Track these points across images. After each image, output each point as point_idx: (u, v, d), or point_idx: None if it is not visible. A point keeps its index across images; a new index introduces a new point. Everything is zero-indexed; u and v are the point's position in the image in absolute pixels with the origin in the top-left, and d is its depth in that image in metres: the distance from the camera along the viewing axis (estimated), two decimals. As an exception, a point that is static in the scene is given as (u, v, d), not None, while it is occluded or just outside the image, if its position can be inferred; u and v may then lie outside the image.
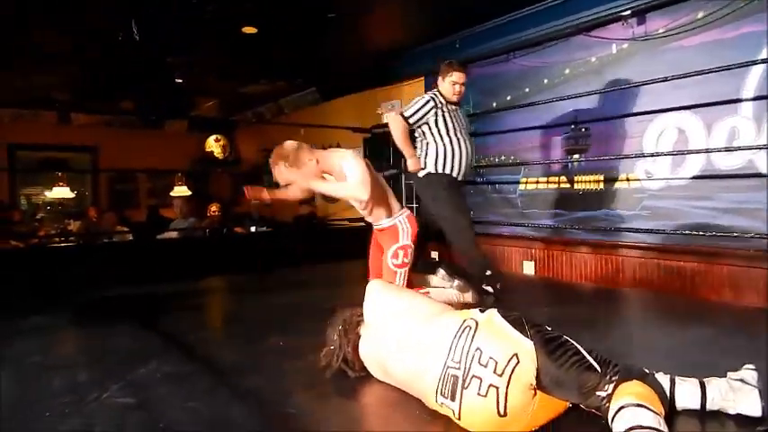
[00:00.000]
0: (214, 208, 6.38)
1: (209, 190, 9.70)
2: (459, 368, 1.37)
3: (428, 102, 3.10)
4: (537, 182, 4.24)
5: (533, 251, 4.31)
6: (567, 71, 4.02)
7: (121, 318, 2.80)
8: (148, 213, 7.50)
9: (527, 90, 4.34)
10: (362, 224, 5.83)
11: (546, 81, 4.19)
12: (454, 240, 3.18)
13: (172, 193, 8.46)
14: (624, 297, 3.38)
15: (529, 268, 4.30)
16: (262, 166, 8.68)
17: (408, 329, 1.59)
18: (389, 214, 2.63)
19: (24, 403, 1.65)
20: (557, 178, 4.14)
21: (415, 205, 5.86)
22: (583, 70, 3.92)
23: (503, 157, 4.57)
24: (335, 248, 5.68)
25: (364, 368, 1.76)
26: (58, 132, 7.83)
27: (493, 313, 1.44)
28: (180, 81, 4.73)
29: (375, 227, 2.75)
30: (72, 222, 7.74)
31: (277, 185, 2.71)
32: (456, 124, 3.15)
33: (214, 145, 9.28)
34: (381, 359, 1.67)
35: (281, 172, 2.46)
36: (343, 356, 1.75)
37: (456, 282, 2.69)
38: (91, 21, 4.21)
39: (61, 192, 7.27)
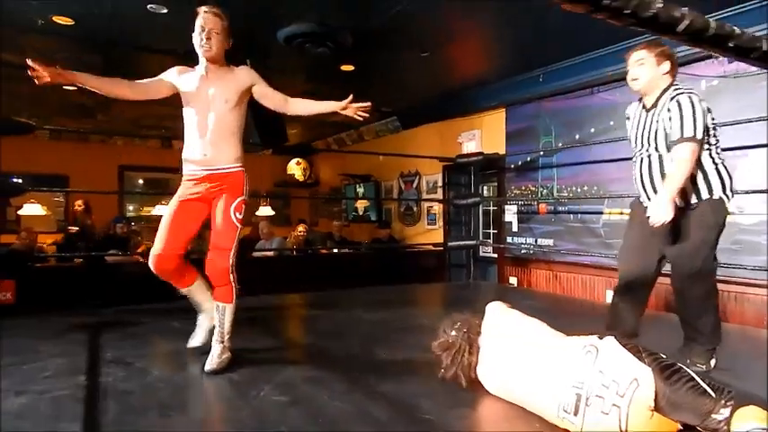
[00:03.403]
0: (301, 228, 6.83)
1: (290, 211, 10.30)
2: (582, 388, 1.57)
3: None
4: (621, 213, 4.32)
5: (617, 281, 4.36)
6: (655, 106, 4.11)
7: (247, 325, 3.17)
8: (251, 231, 8.03)
9: (611, 123, 4.45)
10: (441, 249, 6.10)
11: (632, 115, 4.29)
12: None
13: (257, 213, 9.06)
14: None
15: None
16: (340, 188, 9.17)
17: (531, 350, 1.80)
18: (237, 157, 2.41)
19: (200, 397, 1.99)
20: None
21: (493, 231, 6.06)
22: (671, 106, 4.00)
23: (585, 188, 4.69)
24: (410, 270, 5.96)
25: (475, 378, 1.98)
26: (161, 155, 8.64)
27: (611, 341, 1.63)
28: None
29: (211, 170, 2.37)
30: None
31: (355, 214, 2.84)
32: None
33: (295, 168, 9.86)
34: (500, 375, 1.89)
35: None
36: (466, 363, 1.98)
37: None
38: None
39: (163, 209, 7.96)
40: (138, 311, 3.50)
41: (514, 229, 5.44)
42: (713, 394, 1.48)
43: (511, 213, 5.47)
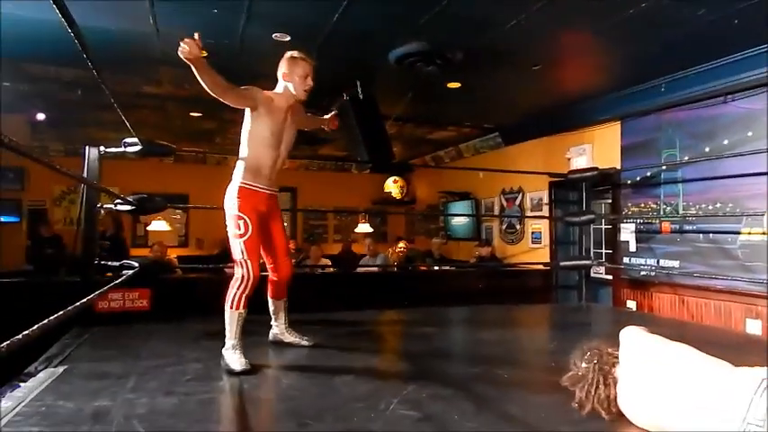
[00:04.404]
0: (402, 245, 6.88)
1: (387, 228, 10.47)
2: (762, 426, 1.39)
3: None
4: (764, 233, 3.88)
5: (759, 308, 3.91)
6: (804, 114, 3.68)
7: (364, 338, 3.23)
8: (343, 249, 8.30)
9: (750, 134, 4.04)
10: (547, 268, 5.86)
11: (775, 124, 3.87)
12: None
13: (356, 230, 9.30)
14: None
15: (754, 327, 3.90)
16: (437, 206, 9.14)
17: (686, 380, 1.63)
18: None
19: (331, 406, 2.02)
20: (789, 229, 3.75)
21: (605, 251, 5.70)
22: (826, 112, 3.56)
23: (717, 204, 4.28)
24: (514, 290, 5.75)
25: (618, 411, 1.83)
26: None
27: (799, 373, 1.43)
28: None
29: (271, 191, 2.73)
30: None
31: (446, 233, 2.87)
32: None
33: (392, 186, 10.00)
34: (649, 407, 1.73)
35: None
36: (602, 396, 1.84)
37: None
38: (319, 82, 4.97)
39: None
40: (254, 321, 3.66)
41: (632, 248, 5.07)
42: None
43: (628, 232, 5.11)
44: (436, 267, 6.58)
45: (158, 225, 7.63)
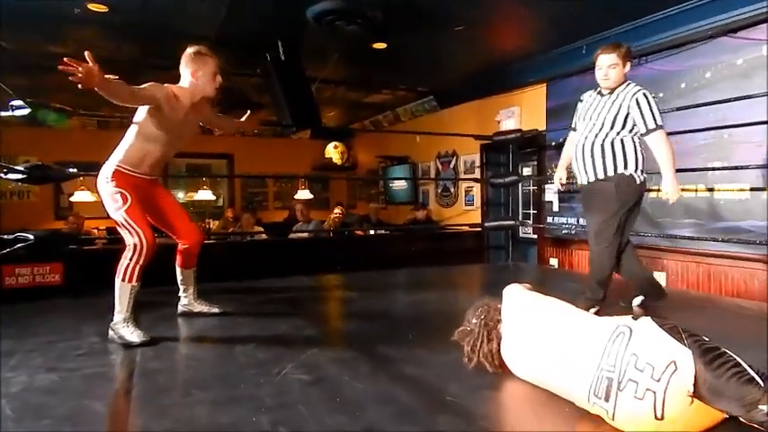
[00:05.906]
0: (337, 210, 6.83)
1: (328, 194, 10.36)
2: (613, 371, 1.46)
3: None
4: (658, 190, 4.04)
5: (665, 262, 4.14)
6: (709, 75, 3.82)
7: (282, 304, 3.19)
8: (288, 215, 8.16)
9: (661, 95, 4.16)
10: (478, 230, 5.96)
11: (684, 85, 4.01)
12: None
13: (295, 197, 9.16)
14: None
15: (659, 280, 4.12)
16: (377, 170, 9.11)
17: (556, 332, 1.70)
18: None
19: (222, 375, 1.99)
20: (693, 186, 3.94)
21: (533, 212, 5.86)
22: (727, 73, 3.71)
23: (631, 164, 4.43)
24: (448, 252, 5.85)
25: (502, 365, 1.89)
26: (203, 142, 8.82)
27: (647, 321, 1.50)
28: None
29: (151, 178, 2.60)
30: (211, 222, 8.68)
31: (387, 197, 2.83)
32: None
33: (333, 151, 9.86)
34: (526, 360, 1.79)
35: None
36: (487, 350, 1.90)
37: None
38: (240, 43, 4.75)
39: (205, 194, 8.18)
40: (169, 292, 3.56)
41: (555, 208, 5.23)
42: (761, 383, 1.34)
43: (551, 192, 5.26)
44: (372, 232, 6.59)
45: (82, 195, 7.21)
